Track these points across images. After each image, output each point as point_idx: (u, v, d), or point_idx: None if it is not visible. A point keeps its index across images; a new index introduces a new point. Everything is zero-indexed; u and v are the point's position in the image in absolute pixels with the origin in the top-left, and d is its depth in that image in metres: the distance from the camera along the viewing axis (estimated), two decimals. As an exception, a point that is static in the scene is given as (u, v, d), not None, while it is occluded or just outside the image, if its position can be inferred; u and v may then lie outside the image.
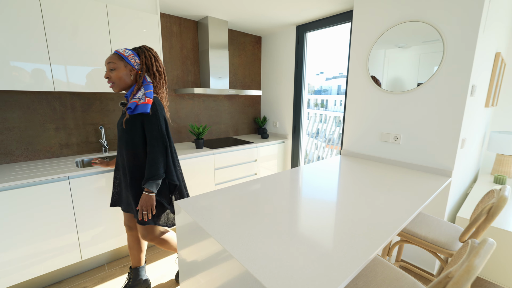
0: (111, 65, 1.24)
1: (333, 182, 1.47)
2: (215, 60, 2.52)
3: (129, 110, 1.24)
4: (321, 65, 29.47)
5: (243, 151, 2.55)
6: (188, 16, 2.44)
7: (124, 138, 1.30)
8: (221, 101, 2.93)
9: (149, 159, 1.27)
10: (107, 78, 1.28)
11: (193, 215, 1.02)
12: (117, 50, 1.28)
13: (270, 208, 1.09)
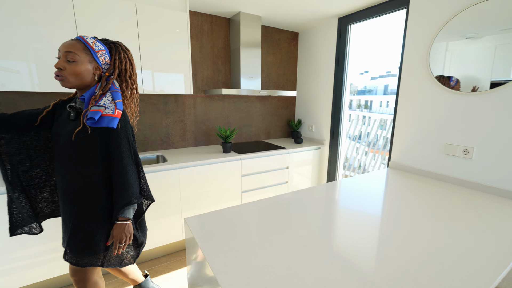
0: (71, 55, 0.94)
1: (377, 205, 1.18)
2: (247, 59, 2.36)
3: (91, 121, 0.94)
4: (365, 64, 27.45)
5: (273, 157, 2.35)
6: (220, 13, 2.32)
7: (71, 153, 0.98)
8: (252, 103, 2.77)
9: (122, 181, 0.99)
10: (58, 68, 0.95)
11: (202, 242, 0.86)
12: (83, 37, 0.98)
13: (293, 238, 0.86)
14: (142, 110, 2.17)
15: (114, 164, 0.99)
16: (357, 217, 1.06)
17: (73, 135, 0.94)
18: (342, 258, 0.77)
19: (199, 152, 2.25)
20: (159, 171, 1.81)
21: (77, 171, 0.99)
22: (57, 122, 1.04)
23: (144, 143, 2.23)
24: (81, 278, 1.11)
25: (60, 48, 0.96)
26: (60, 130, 1.01)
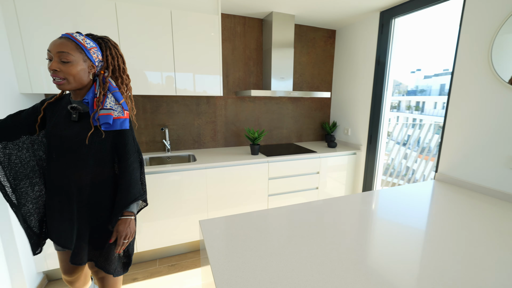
0: (65, 55, 0.89)
1: (420, 223, 1.01)
2: (278, 60, 2.30)
3: (106, 126, 0.96)
4: (417, 61, 24.80)
5: (302, 161, 2.25)
6: (253, 14, 2.32)
7: (80, 154, 0.97)
8: (284, 104, 2.70)
9: (129, 177, 1.01)
10: (53, 70, 0.90)
11: (210, 247, 0.84)
12: (70, 34, 0.92)
13: (321, 250, 0.79)
14: (176, 110, 2.28)
15: (122, 162, 1.01)
16: (396, 234, 0.94)
17: (87, 138, 0.95)
18: (378, 276, 0.69)
19: (228, 153, 2.27)
20: (188, 170, 1.87)
21: (86, 171, 0.99)
22: (54, 124, 1.00)
23: (177, 142, 2.34)
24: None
25: (50, 49, 0.89)
26: (63, 132, 0.98)
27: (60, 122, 0.99)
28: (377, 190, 1.39)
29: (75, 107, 0.98)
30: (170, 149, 2.26)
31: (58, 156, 1.00)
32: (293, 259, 0.77)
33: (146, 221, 1.81)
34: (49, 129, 1.00)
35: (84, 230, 1.01)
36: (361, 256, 0.78)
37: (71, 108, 0.98)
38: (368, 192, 1.36)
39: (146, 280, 1.75)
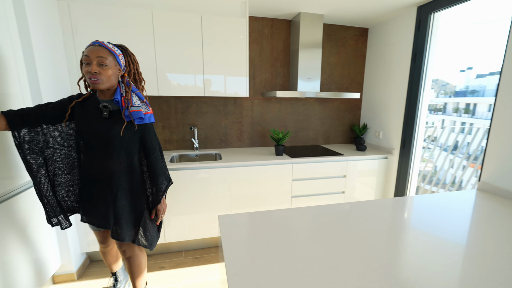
0: (102, 60, 1.04)
1: (459, 239, 0.92)
2: (305, 61, 2.28)
3: (139, 120, 1.13)
4: (468, 59, 22.25)
5: (328, 163, 2.19)
6: (280, 16, 2.33)
7: (112, 146, 1.13)
8: (311, 105, 2.66)
9: (160, 166, 1.23)
10: (94, 73, 1.03)
11: (227, 243, 0.88)
12: (102, 42, 1.06)
13: (344, 258, 0.77)
14: (204, 111, 2.39)
15: (151, 153, 1.20)
16: (430, 246, 0.85)
17: (121, 131, 1.11)
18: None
19: (253, 152, 2.31)
20: (213, 168, 1.95)
21: (118, 161, 1.15)
22: (84, 120, 1.14)
23: (205, 141, 2.45)
24: (128, 246, 1.29)
25: (89, 54, 1.03)
26: (94, 127, 1.12)
27: (90, 119, 1.14)
28: (410, 196, 1.30)
29: (106, 106, 1.12)
30: (198, 147, 2.37)
31: (91, 148, 1.16)
32: (308, 260, 0.76)
33: (174, 214, 1.93)
34: (81, 125, 1.15)
35: (120, 211, 1.17)
36: (386, 266, 0.73)
37: (103, 106, 1.12)
38: (400, 197, 1.28)
39: (172, 269, 1.86)
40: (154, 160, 1.21)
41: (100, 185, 1.17)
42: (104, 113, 1.13)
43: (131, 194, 1.21)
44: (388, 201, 1.24)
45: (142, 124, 1.17)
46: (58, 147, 1.19)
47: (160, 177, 1.23)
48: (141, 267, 1.36)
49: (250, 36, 2.35)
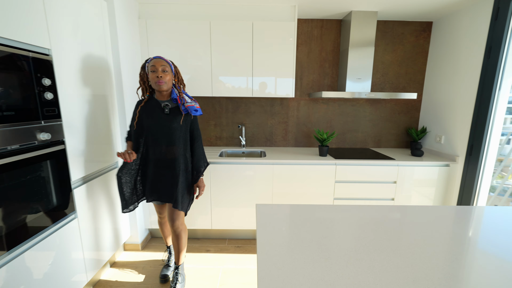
0: (164, 67, 1.39)
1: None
2: (355, 60, 2.21)
3: (195, 112, 1.47)
4: None
5: (375, 167, 2.08)
6: (330, 16, 2.31)
7: (179, 135, 1.45)
8: (361, 106, 2.55)
9: (202, 151, 1.56)
10: (160, 77, 1.37)
11: (261, 234, 0.97)
12: (163, 57, 1.42)
13: (393, 271, 0.70)
14: (252, 111, 2.54)
15: (196, 140, 1.53)
16: (504, 272, 0.71)
17: (181, 121, 1.45)
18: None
19: (296, 152, 2.35)
20: (256, 164, 2.07)
21: (177, 148, 1.46)
22: (151, 118, 1.44)
23: (252, 139, 2.60)
24: (180, 221, 1.58)
25: (155, 64, 1.38)
26: (159, 122, 1.43)
27: (155, 116, 1.45)
28: (480, 206, 1.16)
29: (167, 104, 1.46)
30: (245, 144, 2.53)
31: (158, 139, 1.45)
32: (345, 266, 0.72)
33: (219, 204, 2.12)
34: (147, 121, 1.45)
35: (180, 187, 1.47)
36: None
37: (165, 105, 1.45)
38: (466, 206, 1.15)
39: (216, 254, 2.05)
40: (198, 146, 1.55)
41: (166, 168, 1.48)
42: (166, 110, 1.45)
43: (186, 174, 1.53)
44: (449, 209, 1.12)
45: (191, 117, 1.50)
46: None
47: (201, 160, 1.56)
48: (184, 243, 1.64)
49: (299, 38, 2.40)
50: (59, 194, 1.33)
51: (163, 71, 1.39)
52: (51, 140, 1.26)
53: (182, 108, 1.44)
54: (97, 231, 1.62)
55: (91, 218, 1.57)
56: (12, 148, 1.07)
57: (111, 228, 1.79)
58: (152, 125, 1.45)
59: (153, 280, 1.72)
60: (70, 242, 1.39)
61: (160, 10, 2.10)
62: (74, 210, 1.42)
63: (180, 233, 1.59)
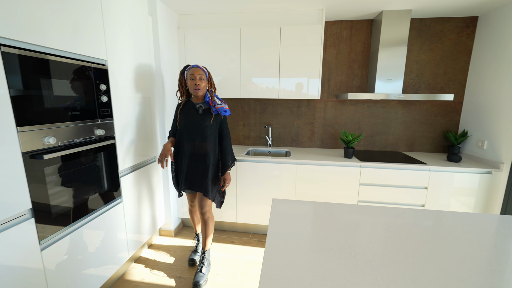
0: (201, 76, 1.61)
1: None
2: (385, 60, 2.16)
3: (224, 113, 1.68)
4: None
5: (403, 171, 2.01)
6: (361, 17, 2.29)
7: (210, 132, 1.66)
8: (392, 108, 2.46)
9: (230, 147, 1.75)
10: (197, 84, 1.60)
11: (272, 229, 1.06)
12: (200, 66, 1.63)
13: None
14: (279, 112, 2.63)
15: (225, 137, 1.73)
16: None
17: (211, 120, 1.65)
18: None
19: (321, 153, 2.38)
20: (279, 163, 2.15)
21: (208, 143, 1.67)
22: (187, 117, 1.68)
23: (278, 139, 2.69)
24: (208, 209, 1.77)
25: (194, 73, 1.61)
26: (194, 121, 1.66)
27: (190, 116, 1.66)
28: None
29: (201, 106, 1.68)
30: (271, 144, 2.63)
31: (192, 135, 1.67)
32: (366, 269, 0.70)
33: (244, 201, 2.25)
34: (185, 121, 1.69)
35: (209, 178, 1.69)
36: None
37: (199, 107, 1.67)
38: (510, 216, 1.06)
39: (239, 245, 2.19)
40: (226, 143, 1.74)
41: (198, 160, 1.69)
42: (200, 111, 1.68)
43: (215, 167, 1.73)
44: (491, 218, 1.04)
45: (221, 117, 1.70)
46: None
47: (228, 156, 1.74)
48: (211, 229, 1.81)
49: (327, 40, 2.42)
50: (109, 180, 1.58)
51: (200, 79, 1.62)
52: (105, 136, 1.52)
53: (213, 109, 1.66)
54: (138, 215, 1.87)
55: (134, 203, 1.82)
56: (76, 141, 1.33)
57: (150, 214, 2.04)
58: (188, 123, 1.68)
59: (183, 263, 1.92)
60: (116, 222, 1.64)
61: (196, 20, 2.31)
62: (120, 196, 1.67)
63: (208, 220, 1.76)
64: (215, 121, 1.67)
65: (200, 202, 1.75)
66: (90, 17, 1.36)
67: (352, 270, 0.72)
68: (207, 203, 1.75)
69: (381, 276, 0.69)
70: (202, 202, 1.74)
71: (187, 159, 1.69)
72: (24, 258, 1.07)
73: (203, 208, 1.75)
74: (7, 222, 1.01)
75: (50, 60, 1.16)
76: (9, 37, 0.99)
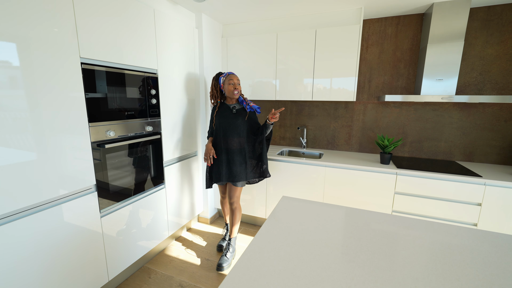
0: (238, 81, 1.88)
1: None
2: (435, 57, 1.93)
3: (259, 111, 1.90)
4: None
5: (450, 183, 1.77)
6: (409, 12, 2.10)
7: (243, 129, 1.87)
8: (445, 111, 2.17)
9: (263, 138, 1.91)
10: (236, 88, 1.84)
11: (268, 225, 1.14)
12: (233, 73, 1.89)
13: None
14: (315, 113, 2.61)
15: (257, 131, 1.90)
16: None
17: (246, 117, 1.86)
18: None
19: (356, 157, 2.28)
20: (308, 164, 2.16)
21: (243, 139, 1.88)
22: (223, 117, 1.89)
23: (313, 141, 2.68)
24: (236, 200, 1.94)
25: (232, 78, 1.85)
26: (230, 120, 1.87)
27: (227, 116, 1.87)
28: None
29: (235, 107, 1.89)
30: (305, 146, 2.64)
31: (228, 132, 1.87)
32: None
33: (272, 199, 2.34)
34: (222, 120, 1.90)
35: (247, 170, 1.90)
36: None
37: (233, 107, 1.89)
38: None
39: (266, 241, 2.29)
40: (263, 136, 1.89)
41: (233, 154, 1.88)
42: (234, 111, 1.89)
43: (247, 159, 1.91)
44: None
45: (253, 114, 1.91)
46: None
47: (265, 145, 1.94)
48: (238, 219, 1.98)
49: (369, 38, 2.30)
50: (156, 168, 1.91)
51: (238, 84, 1.87)
52: (153, 131, 1.84)
53: (247, 107, 1.88)
54: (177, 201, 2.18)
55: (175, 190, 2.13)
56: (130, 135, 1.67)
57: (188, 202, 2.33)
58: (224, 123, 1.88)
59: (212, 247, 2.15)
60: (159, 204, 1.97)
61: (238, 28, 2.52)
62: (163, 182, 1.99)
63: (235, 210, 1.95)
64: (249, 118, 1.89)
65: (229, 193, 1.94)
66: (147, 36, 1.69)
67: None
68: (235, 194, 1.92)
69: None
70: (231, 193, 1.93)
71: (225, 154, 1.89)
72: (89, 221, 1.43)
73: (231, 198, 1.93)
74: (79, 192, 1.37)
75: (111, 72, 1.50)
76: (89, 57, 1.34)
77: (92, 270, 1.46)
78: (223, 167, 1.90)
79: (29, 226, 1.16)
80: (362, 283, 0.70)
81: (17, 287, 1.13)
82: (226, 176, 1.90)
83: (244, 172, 1.89)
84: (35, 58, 1.13)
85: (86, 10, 1.32)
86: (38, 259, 1.20)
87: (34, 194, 1.17)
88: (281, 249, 0.86)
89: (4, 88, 1.05)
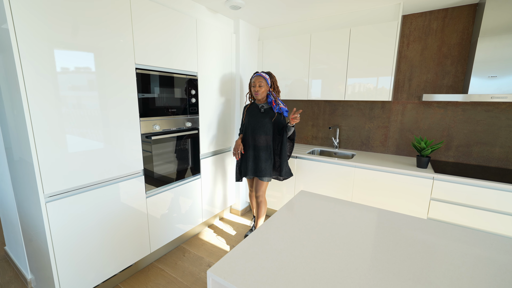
0: (260, 83, 1.95)
1: None
2: (486, 52, 1.74)
3: (286, 113, 1.95)
4: None
5: (494, 191, 1.58)
6: (458, 3, 1.92)
7: (270, 127, 1.97)
8: (501, 112, 1.92)
9: (286, 140, 1.97)
10: (256, 90, 1.94)
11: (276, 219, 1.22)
12: (259, 72, 1.98)
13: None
14: (349, 113, 2.56)
15: (283, 130, 1.97)
16: None
17: (274, 118, 1.96)
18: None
19: (389, 159, 2.17)
20: (336, 164, 2.15)
21: (270, 137, 1.98)
22: (253, 116, 2.03)
23: (346, 141, 2.63)
24: (261, 194, 2.06)
25: (254, 81, 1.96)
26: (258, 119, 1.99)
27: (255, 115, 2.00)
28: None
29: (263, 106, 2.00)
30: (338, 146, 2.61)
31: (253, 130, 2.00)
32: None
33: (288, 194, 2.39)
34: (251, 118, 2.05)
35: (274, 165, 2.03)
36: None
37: (261, 107, 2.00)
38: None
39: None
40: (284, 136, 1.97)
41: (259, 150, 2.00)
42: (262, 110, 2.00)
43: (273, 155, 2.02)
44: None
45: (282, 116, 1.99)
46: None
47: (285, 146, 2.01)
48: (263, 212, 2.11)
49: (411, 34, 2.17)
50: (193, 160, 2.15)
51: (259, 86, 1.96)
52: (191, 127, 2.08)
53: (276, 109, 1.96)
54: (211, 191, 2.40)
55: (209, 181, 2.35)
56: (172, 129, 1.92)
57: (221, 193, 2.54)
58: (252, 120, 2.02)
59: (240, 237, 2.30)
60: (195, 193, 2.20)
61: (273, 31, 2.62)
62: (199, 173, 2.22)
63: (260, 203, 2.08)
64: (276, 118, 1.97)
65: (256, 187, 2.07)
66: (189, 42, 1.93)
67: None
68: (261, 188, 2.04)
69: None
70: (257, 187, 2.06)
71: (252, 150, 2.04)
72: (137, 200, 1.72)
73: (257, 192, 2.06)
74: (129, 175, 1.66)
75: (158, 75, 1.77)
76: (142, 63, 1.62)
77: (137, 241, 1.75)
78: (250, 162, 2.03)
79: (98, 196, 1.48)
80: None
81: (86, 244, 1.44)
82: (252, 170, 2.03)
83: (269, 168, 1.99)
84: (105, 64, 1.43)
85: (141, 26, 1.59)
86: (102, 223, 1.51)
87: (103, 172, 1.49)
88: (286, 234, 0.94)
89: (85, 90, 1.36)
